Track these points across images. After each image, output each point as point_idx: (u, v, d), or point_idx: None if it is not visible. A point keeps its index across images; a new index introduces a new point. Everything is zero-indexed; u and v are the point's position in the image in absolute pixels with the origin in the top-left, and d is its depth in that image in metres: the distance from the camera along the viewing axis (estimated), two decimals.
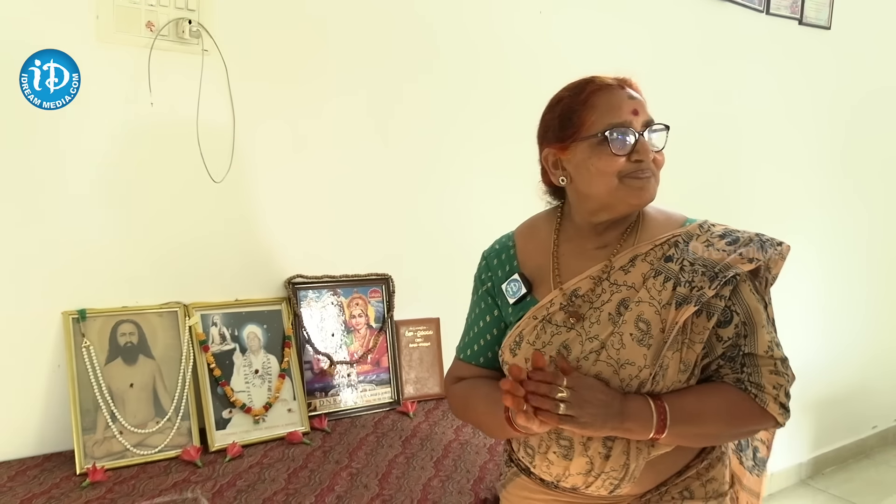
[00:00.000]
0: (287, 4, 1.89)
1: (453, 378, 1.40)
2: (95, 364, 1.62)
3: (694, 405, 1.15)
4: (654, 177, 1.19)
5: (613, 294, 1.20)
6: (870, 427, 4.05)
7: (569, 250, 1.28)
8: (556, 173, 1.26)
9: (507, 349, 1.26)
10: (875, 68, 3.55)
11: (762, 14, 3.02)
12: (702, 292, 1.14)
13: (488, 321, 1.35)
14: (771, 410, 1.16)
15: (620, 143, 1.16)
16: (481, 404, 1.28)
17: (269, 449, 1.72)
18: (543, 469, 1.24)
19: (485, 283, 1.37)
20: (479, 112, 2.28)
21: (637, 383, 1.15)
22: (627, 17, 2.60)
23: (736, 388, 1.17)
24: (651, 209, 1.29)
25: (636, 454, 1.17)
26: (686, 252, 1.20)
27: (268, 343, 1.86)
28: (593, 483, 1.20)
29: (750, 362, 1.17)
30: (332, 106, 1.99)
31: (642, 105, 1.20)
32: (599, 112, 1.17)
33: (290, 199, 1.96)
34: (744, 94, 3.02)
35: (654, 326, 1.15)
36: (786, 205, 3.28)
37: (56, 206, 1.64)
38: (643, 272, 1.20)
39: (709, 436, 1.20)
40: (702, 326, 1.16)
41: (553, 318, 1.22)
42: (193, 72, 1.75)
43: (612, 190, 1.18)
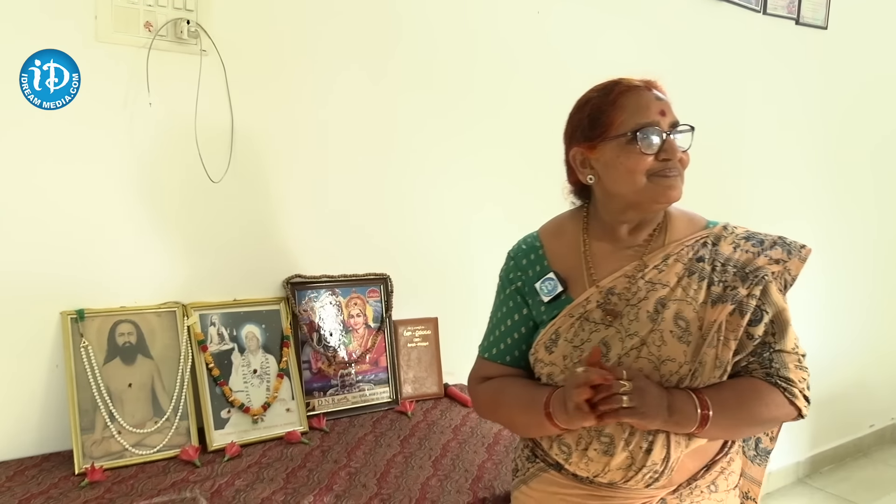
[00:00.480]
0: (285, 5, 1.89)
1: (479, 378, 1.41)
2: (94, 364, 1.62)
3: (732, 399, 1.19)
4: (680, 176, 1.23)
5: (649, 292, 1.23)
6: (867, 426, 4.06)
7: (599, 249, 1.31)
8: (584, 172, 1.29)
9: (543, 347, 1.28)
10: (871, 68, 3.56)
11: (759, 14, 3.03)
12: (736, 291, 1.20)
13: (516, 319, 1.36)
14: (799, 403, 1.21)
15: (649, 142, 1.20)
16: (514, 403, 1.30)
17: (268, 448, 1.72)
18: (581, 466, 1.25)
19: (514, 282, 1.38)
20: (476, 113, 2.28)
21: (677, 379, 1.19)
22: (624, 18, 2.60)
23: (766, 382, 1.21)
24: (675, 210, 1.33)
25: (676, 447, 1.20)
26: (716, 253, 1.25)
27: (266, 343, 1.86)
28: (633, 477, 1.22)
29: (778, 358, 1.22)
30: (329, 106, 1.99)
31: (669, 106, 1.24)
32: (628, 112, 1.22)
33: (288, 199, 1.96)
34: (740, 94, 3.03)
35: (693, 324, 1.20)
36: (783, 204, 3.29)
37: (54, 207, 1.64)
38: (677, 272, 1.24)
39: (744, 428, 1.26)
40: (735, 324, 1.20)
41: (590, 315, 1.25)
42: (191, 72, 1.75)
43: (641, 188, 1.22)
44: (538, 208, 2.38)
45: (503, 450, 1.76)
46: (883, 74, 3.62)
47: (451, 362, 2.21)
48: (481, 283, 2.33)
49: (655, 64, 2.67)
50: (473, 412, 2.01)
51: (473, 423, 1.93)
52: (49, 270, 1.65)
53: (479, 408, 1.43)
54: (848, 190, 3.62)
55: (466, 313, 2.31)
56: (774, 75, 3.15)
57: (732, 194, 3.05)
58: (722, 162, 2.99)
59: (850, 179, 3.63)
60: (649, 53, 2.68)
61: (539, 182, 2.43)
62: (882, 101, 3.66)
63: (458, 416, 1.98)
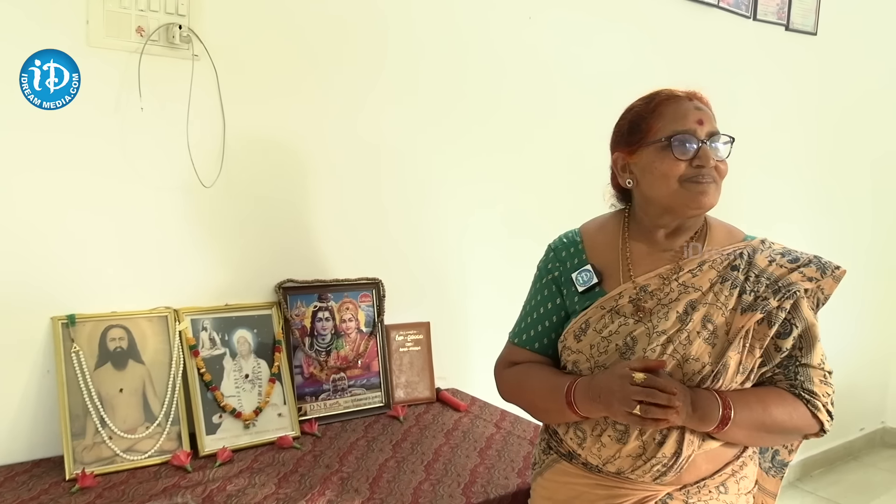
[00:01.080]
0: (277, 11, 1.89)
1: (506, 362, 1.45)
2: (85, 369, 1.62)
3: (755, 402, 1.23)
4: (715, 183, 1.27)
5: (681, 294, 1.27)
6: (857, 429, 4.08)
7: (637, 249, 1.35)
8: (623, 176, 1.35)
9: (572, 335, 1.32)
10: (860, 73, 3.59)
11: (749, 20, 3.05)
12: (767, 302, 1.23)
13: (549, 308, 1.40)
14: (821, 416, 1.25)
15: (683, 148, 1.25)
16: (537, 388, 1.34)
17: (260, 453, 1.72)
18: (593, 451, 1.27)
19: (551, 272, 1.42)
20: (468, 118, 2.29)
21: (699, 378, 1.22)
22: (616, 24, 2.62)
23: (790, 392, 1.25)
24: (714, 220, 1.39)
25: (689, 444, 1.22)
26: (751, 264, 1.28)
27: (258, 347, 1.86)
28: (640, 468, 1.24)
29: (803, 372, 1.26)
30: (321, 112, 2.00)
31: (708, 116, 1.29)
32: (666, 120, 1.27)
33: (280, 204, 1.96)
34: (732, 99, 3.04)
35: (721, 328, 1.23)
36: (772, 209, 3.31)
37: (45, 211, 1.64)
38: (710, 278, 1.28)
39: (764, 433, 1.26)
40: (763, 333, 1.23)
41: (621, 309, 1.29)
42: (183, 77, 1.75)
43: (673, 193, 1.26)
44: (531, 213, 2.41)
45: (495, 454, 1.76)
46: (872, 79, 3.65)
47: (443, 367, 2.21)
48: (473, 288, 2.35)
49: (647, 70, 2.70)
50: (466, 417, 2.02)
51: (466, 427, 1.94)
52: (40, 275, 1.64)
53: (503, 391, 1.46)
54: (839, 195, 3.65)
55: (458, 318, 2.33)
56: (765, 81, 3.17)
57: (724, 199, 3.06)
58: None
59: (842, 185, 3.65)
60: (640, 60, 2.70)
61: (533, 186, 2.45)
62: (872, 105, 3.68)
63: (450, 420, 1.99)
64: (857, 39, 3.53)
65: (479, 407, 2.11)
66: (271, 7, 1.88)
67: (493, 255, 2.37)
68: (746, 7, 3.02)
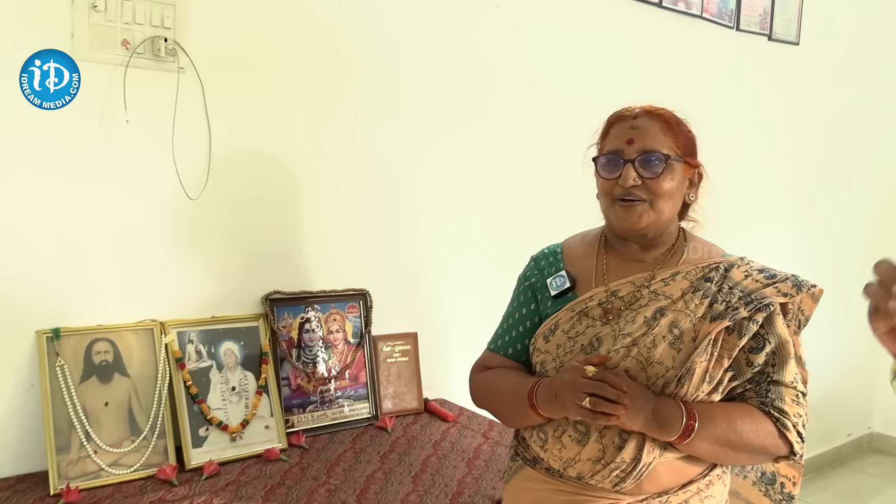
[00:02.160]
0: (263, 24, 1.90)
1: (479, 367, 1.48)
2: (70, 383, 1.61)
3: (721, 417, 1.22)
4: (645, 203, 1.28)
5: (651, 301, 1.29)
6: (845, 435, 4.11)
7: (612, 259, 1.39)
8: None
9: (542, 336, 1.35)
10: (841, 82, 3.63)
11: (732, 30, 3.08)
12: (737, 312, 1.22)
13: (524, 313, 1.43)
14: (790, 437, 1.23)
15: (607, 167, 1.30)
16: (504, 390, 1.36)
17: (247, 466, 1.71)
18: (554, 453, 1.28)
19: (529, 279, 1.46)
20: (454, 130, 2.30)
21: (662, 383, 1.22)
22: (600, 34, 2.64)
23: (760, 409, 1.24)
24: (695, 238, 1.41)
25: (649, 451, 1.21)
26: (726, 277, 1.29)
27: (245, 360, 1.85)
28: (600, 472, 1.23)
29: (775, 389, 1.25)
30: (307, 123, 2.00)
31: (643, 134, 1.29)
32: (608, 140, 1.34)
33: (266, 216, 1.96)
34: (715, 108, 3.07)
35: (687, 334, 1.24)
36: (757, 217, 3.33)
37: (29, 223, 1.63)
38: (682, 287, 1.29)
39: (728, 450, 1.23)
40: (732, 343, 1.23)
41: (590, 312, 1.32)
42: (169, 89, 1.75)
43: (607, 209, 1.33)
44: (518, 224, 2.42)
45: (483, 464, 1.76)
46: (853, 88, 3.69)
47: (430, 377, 2.21)
48: (461, 298, 2.35)
49: (631, 81, 2.72)
50: (454, 427, 2.02)
51: (453, 438, 1.94)
52: (24, 288, 1.63)
53: (473, 396, 1.48)
54: (823, 202, 3.68)
55: (446, 328, 2.33)
56: (748, 90, 3.20)
57: (705, 206, 3.09)
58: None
59: (825, 191, 3.68)
60: (625, 70, 2.72)
61: (520, 197, 2.46)
62: (853, 113, 3.72)
63: (437, 431, 1.99)
64: (838, 49, 3.57)
65: (467, 417, 2.11)
66: (257, 20, 1.89)
67: (479, 266, 2.38)
68: (729, 17, 3.05)
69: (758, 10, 3.16)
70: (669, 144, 1.29)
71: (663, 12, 2.81)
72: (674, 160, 1.29)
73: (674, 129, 1.32)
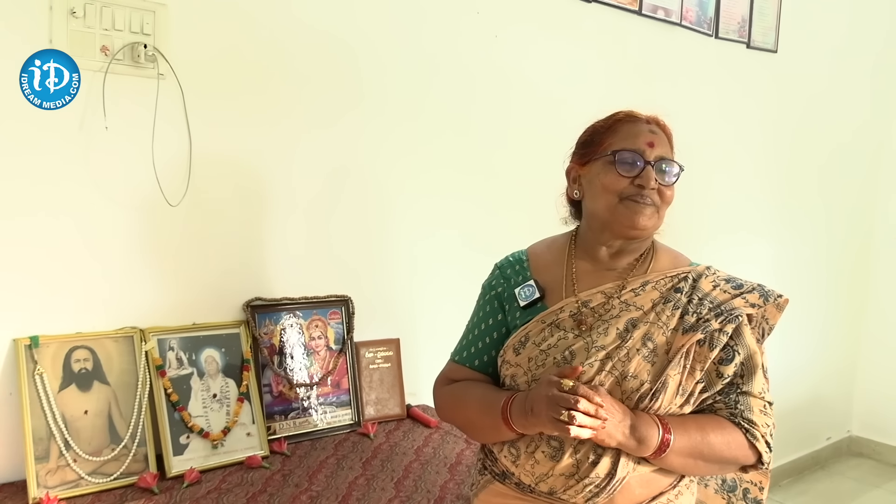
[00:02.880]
0: (243, 30, 1.90)
1: (445, 380, 1.45)
2: (48, 391, 1.59)
3: (694, 431, 1.22)
4: (654, 207, 1.29)
5: (622, 311, 1.28)
6: (824, 438, 4.15)
7: (582, 267, 1.37)
8: (573, 187, 1.39)
9: (511, 349, 1.32)
10: (818, 89, 3.68)
11: (711, 38, 3.11)
12: (708, 324, 1.23)
13: (490, 324, 1.40)
14: (759, 447, 1.25)
15: (627, 164, 1.27)
16: (474, 406, 1.33)
17: (228, 474, 1.70)
18: (527, 469, 1.26)
19: (494, 288, 1.43)
20: (436, 136, 2.30)
21: (637, 397, 1.21)
22: (581, 41, 2.66)
23: (730, 421, 1.25)
24: (661, 245, 1.40)
25: (623, 466, 1.21)
26: (695, 288, 1.30)
27: (226, 367, 1.85)
28: (573, 487, 1.22)
29: (744, 400, 1.27)
30: (289, 128, 2.00)
31: (662, 141, 1.31)
32: (619, 137, 1.31)
33: (247, 222, 1.96)
34: (694, 115, 3.10)
35: (661, 347, 1.24)
36: (735, 223, 3.37)
37: (5, 229, 1.62)
38: (653, 298, 1.29)
39: (701, 462, 1.25)
40: (703, 356, 1.24)
41: (561, 323, 1.30)
42: (149, 96, 1.74)
43: (612, 207, 1.28)
44: (499, 229, 2.43)
45: (465, 470, 1.76)
46: (830, 95, 3.74)
47: (413, 383, 2.21)
48: (443, 304, 2.35)
49: (611, 87, 2.74)
50: (436, 433, 2.02)
51: (436, 443, 1.94)
52: (1, 296, 1.62)
53: (440, 410, 1.46)
54: (799, 208, 3.72)
55: (428, 334, 2.33)
56: (727, 97, 3.23)
57: (684, 213, 3.12)
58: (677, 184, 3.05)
59: (802, 199, 3.73)
60: (605, 78, 2.74)
61: (502, 204, 2.47)
62: (830, 120, 3.78)
63: (420, 437, 1.99)
64: (816, 57, 3.62)
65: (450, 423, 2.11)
66: (238, 27, 1.89)
67: (461, 272, 2.37)
68: (709, 25, 3.08)
69: (736, 18, 3.20)
70: (673, 156, 1.33)
71: (643, 20, 2.83)
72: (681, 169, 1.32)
73: (672, 144, 1.35)
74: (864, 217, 4.13)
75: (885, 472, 4.00)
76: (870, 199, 4.13)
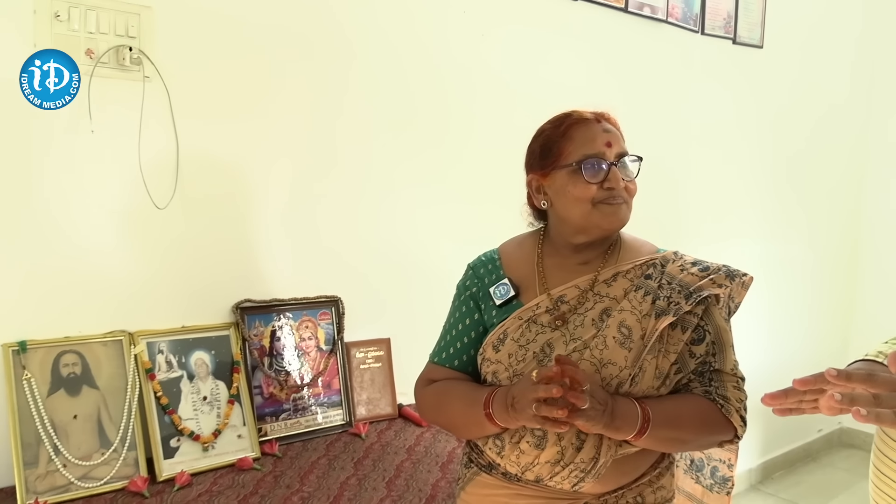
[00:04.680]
0: (229, 32, 1.89)
1: (425, 381, 1.45)
2: (37, 396, 1.59)
3: (672, 411, 1.25)
4: (625, 203, 1.32)
5: (596, 303, 1.31)
6: (815, 431, 4.17)
7: (552, 264, 1.39)
8: (538, 197, 1.39)
9: (490, 346, 1.33)
10: (804, 83, 3.69)
11: (697, 34, 3.12)
12: (679, 306, 1.26)
13: (467, 324, 1.41)
14: (734, 421, 1.27)
15: (593, 172, 1.29)
16: (457, 404, 1.34)
17: (219, 476, 1.70)
18: (512, 459, 1.28)
19: (469, 288, 1.44)
20: (424, 135, 2.30)
21: (616, 383, 1.24)
22: (568, 39, 2.66)
23: (705, 398, 1.28)
24: (627, 235, 1.42)
25: (606, 450, 1.24)
26: (663, 273, 1.32)
27: (216, 369, 1.84)
28: (559, 474, 1.25)
29: (717, 378, 1.30)
30: (276, 129, 2.00)
31: (616, 137, 1.33)
32: (576, 143, 1.31)
33: (236, 224, 1.95)
34: (681, 111, 3.12)
35: (635, 332, 1.26)
36: (725, 216, 3.38)
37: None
38: (624, 287, 1.32)
39: (680, 441, 1.29)
40: (676, 338, 1.27)
41: (538, 318, 1.32)
42: (135, 98, 1.74)
43: (587, 214, 1.30)
44: (489, 227, 2.42)
45: (457, 468, 1.76)
46: (815, 89, 3.76)
47: (404, 382, 2.21)
48: (433, 302, 2.34)
49: (598, 85, 2.75)
50: (428, 431, 2.02)
51: (428, 442, 1.94)
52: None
53: (422, 410, 1.47)
54: (788, 204, 3.74)
55: (419, 333, 2.31)
56: (714, 92, 3.24)
57: (674, 208, 3.13)
58: (664, 177, 3.06)
59: (790, 194, 3.74)
60: (592, 75, 2.75)
61: (490, 203, 2.47)
62: (816, 116, 3.80)
63: (412, 436, 1.99)
64: (801, 51, 3.64)
65: None
66: (223, 28, 1.88)
67: (450, 271, 2.38)
68: (694, 22, 3.09)
69: (722, 14, 3.21)
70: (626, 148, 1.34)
71: (629, 17, 2.84)
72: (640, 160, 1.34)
73: (622, 133, 1.36)
74: (852, 211, 4.15)
75: None
76: (856, 194, 4.16)
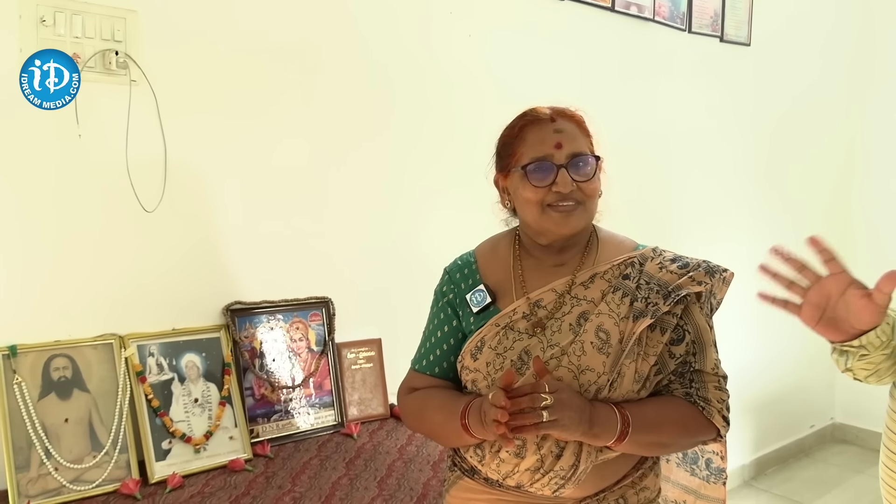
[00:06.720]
0: (216, 35, 1.90)
1: (407, 389, 1.44)
2: (28, 400, 1.59)
3: (652, 415, 1.23)
4: (580, 206, 1.27)
5: (574, 307, 1.28)
6: (808, 426, 4.19)
7: (529, 266, 1.36)
8: (504, 197, 1.38)
9: (468, 354, 1.31)
10: (791, 81, 3.72)
11: (685, 33, 3.14)
12: (657, 307, 1.23)
13: (446, 331, 1.39)
14: (716, 422, 1.26)
15: (539, 175, 1.25)
16: (437, 413, 1.33)
17: (211, 478, 1.71)
18: (492, 467, 1.27)
19: (446, 294, 1.41)
20: (412, 134, 2.31)
21: (595, 389, 1.22)
22: (555, 39, 2.68)
23: (686, 401, 1.26)
24: (604, 233, 1.39)
25: (586, 456, 1.22)
26: (642, 272, 1.29)
27: (207, 371, 1.85)
28: (539, 481, 1.24)
29: (698, 378, 1.28)
30: (265, 132, 2.00)
31: (569, 137, 1.27)
32: (527, 145, 1.28)
33: (225, 226, 1.96)
34: (670, 110, 3.13)
35: (613, 337, 1.23)
36: (714, 215, 3.40)
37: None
38: (602, 289, 1.29)
39: (661, 445, 1.28)
40: (655, 340, 1.25)
41: (515, 325, 1.29)
42: (121, 102, 1.74)
43: (538, 218, 1.28)
44: (477, 229, 2.43)
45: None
46: (802, 87, 3.79)
47: (395, 383, 2.19)
48: (424, 303, 2.35)
49: (587, 84, 2.76)
50: None
51: (419, 442, 1.95)
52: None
53: (405, 419, 1.46)
54: (778, 201, 3.76)
55: (410, 333, 2.32)
56: (702, 91, 3.26)
57: (662, 208, 3.15)
58: (652, 176, 3.08)
59: (779, 190, 3.76)
60: (580, 74, 2.76)
61: (478, 203, 2.48)
62: (805, 112, 3.82)
63: (403, 436, 1.99)
64: (788, 49, 3.66)
65: None
66: (210, 32, 1.89)
67: (440, 269, 2.39)
68: (682, 20, 3.11)
69: (709, 13, 3.23)
70: (588, 144, 1.30)
71: (616, 16, 2.85)
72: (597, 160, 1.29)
73: (585, 129, 1.31)
74: (841, 208, 4.18)
75: (869, 457, 4.03)
76: (846, 190, 4.19)
